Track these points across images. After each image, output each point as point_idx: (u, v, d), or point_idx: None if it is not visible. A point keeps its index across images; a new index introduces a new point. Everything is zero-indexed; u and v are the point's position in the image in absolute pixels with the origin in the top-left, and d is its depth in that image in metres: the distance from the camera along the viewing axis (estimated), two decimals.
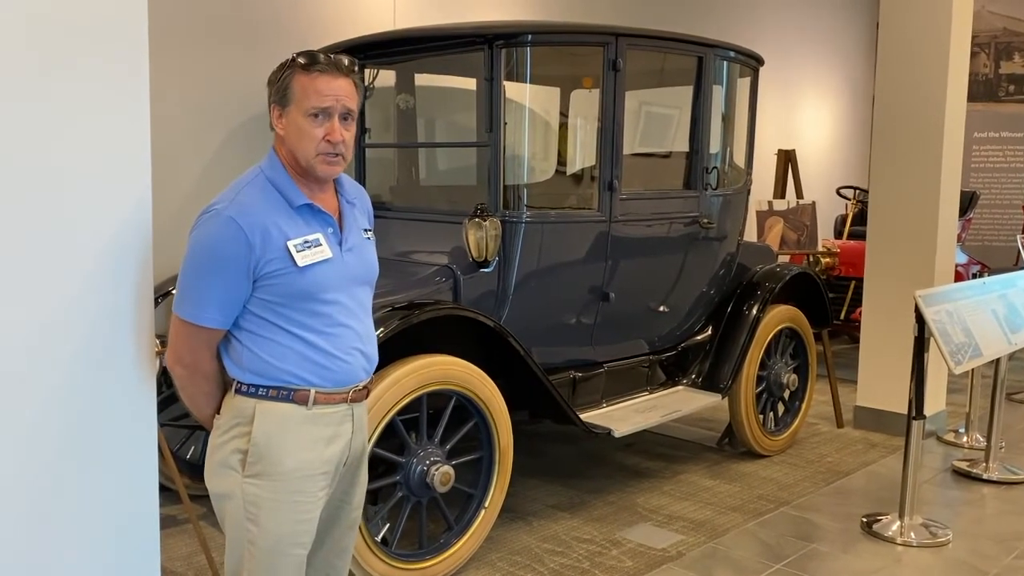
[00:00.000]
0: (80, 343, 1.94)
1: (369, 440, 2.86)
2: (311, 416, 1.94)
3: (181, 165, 4.01)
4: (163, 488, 3.27)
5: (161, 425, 3.25)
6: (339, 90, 1.91)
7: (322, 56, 1.93)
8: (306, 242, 1.91)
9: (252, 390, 1.93)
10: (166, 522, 3.53)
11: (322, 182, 2.00)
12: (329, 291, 1.94)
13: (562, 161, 4.87)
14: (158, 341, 2.11)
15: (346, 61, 1.95)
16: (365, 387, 2.06)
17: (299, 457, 1.93)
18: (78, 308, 1.94)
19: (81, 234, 1.93)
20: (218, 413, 2.01)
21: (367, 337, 2.05)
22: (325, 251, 1.93)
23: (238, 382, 1.95)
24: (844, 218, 7.35)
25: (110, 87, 1.95)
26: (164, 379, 3.34)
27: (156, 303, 3.09)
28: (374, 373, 2.11)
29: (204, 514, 3.57)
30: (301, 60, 1.92)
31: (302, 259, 1.89)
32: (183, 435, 3.76)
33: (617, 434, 3.70)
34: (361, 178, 4.21)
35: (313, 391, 1.94)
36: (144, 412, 2.08)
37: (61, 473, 1.94)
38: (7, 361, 1.84)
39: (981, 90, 8.60)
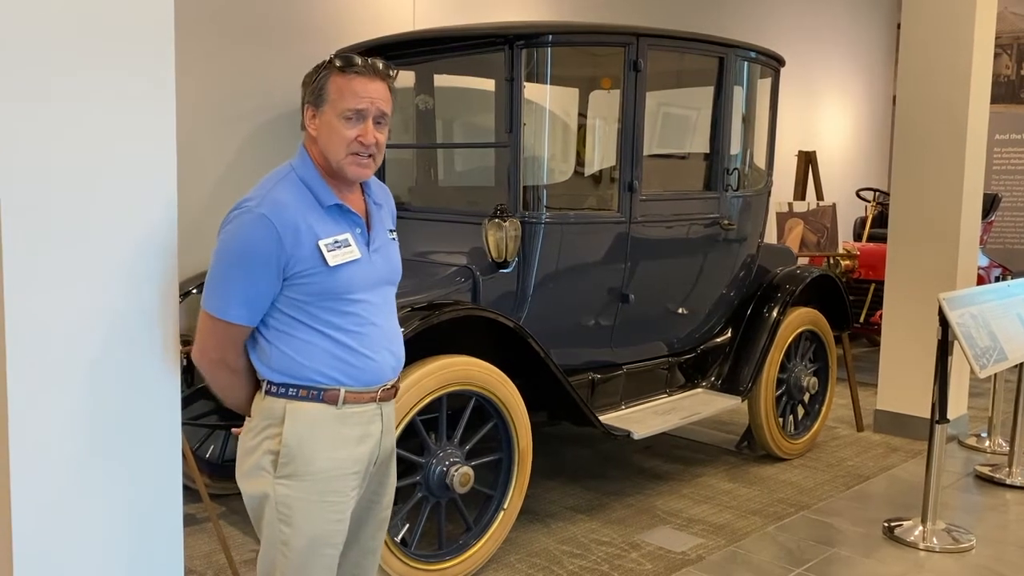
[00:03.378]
0: (106, 339, 1.95)
1: None
2: (341, 416, 1.94)
3: (203, 165, 4.02)
4: (183, 487, 3.30)
5: (182, 423, 3.28)
6: (374, 92, 1.91)
7: (359, 59, 1.93)
8: (336, 242, 1.91)
9: (282, 391, 1.93)
10: (186, 520, 3.52)
11: (351, 184, 2.00)
12: (357, 291, 1.94)
13: (581, 162, 4.86)
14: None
15: (382, 65, 1.95)
16: (393, 386, 2.05)
17: (330, 457, 1.92)
18: (105, 304, 1.94)
19: (108, 231, 1.93)
20: (249, 416, 2.01)
21: (394, 336, 2.05)
22: (354, 251, 1.93)
23: (268, 382, 1.95)
24: (863, 220, 7.30)
25: (136, 86, 1.96)
26: (185, 378, 3.36)
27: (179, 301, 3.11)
28: None
29: (224, 513, 3.58)
30: (338, 62, 1.92)
31: (333, 259, 1.89)
32: (203, 434, 3.77)
33: (636, 436, 3.68)
34: (380, 178, 4.19)
35: (343, 390, 1.93)
36: (168, 408, 2.08)
37: (86, 466, 1.95)
38: (32, 358, 1.85)
39: (1003, 92, 8.52)
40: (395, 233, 2.12)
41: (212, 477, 3.68)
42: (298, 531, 1.91)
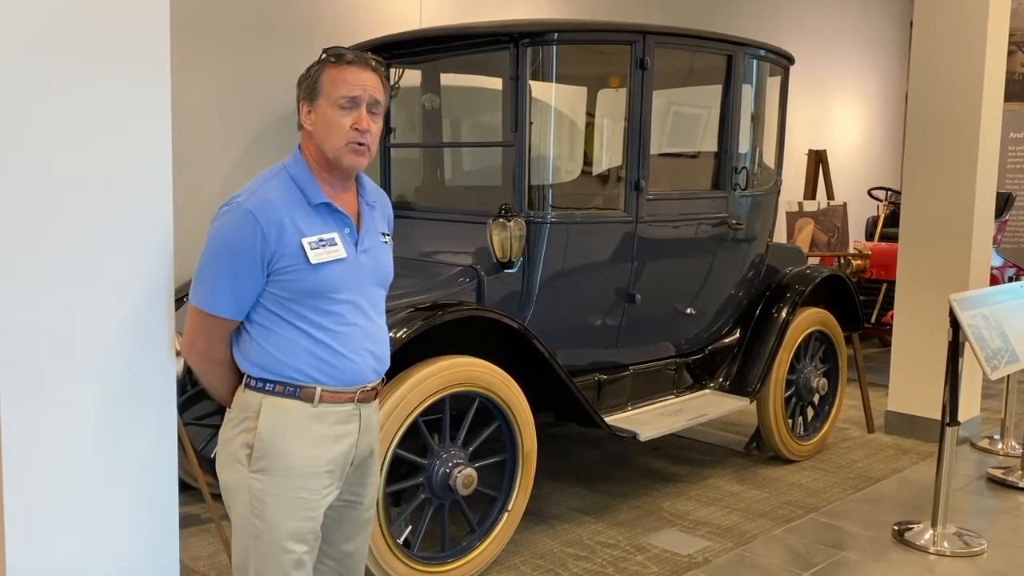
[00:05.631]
0: (100, 340, 1.94)
1: (392, 441, 2.86)
2: (317, 414, 1.95)
3: (208, 166, 4.02)
4: (186, 487, 3.29)
5: (185, 424, 3.27)
6: (367, 81, 1.96)
7: (350, 52, 1.98)
8: (321, 240, 1.93)
9: (260, 385, 1.95)
10: (189, 521, 3.54)
11: (346, 178, 2.02)
12: (341, 291, 1.95)
13: (588, 161, 4.83)
14: (178, 340, 2.11)
15: (373, 57, 2.00)
16: (374, 388, 2.06)
17: (303, 454, 1.94)
18: (100, 305, 1.93)
19: (102, 233, 1.93)
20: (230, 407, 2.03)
21: (378, 338, 2.06)
22: (340, 251, 1.95)
23: (247, 376, 1.98)
24: (875, 220, 7.24)
25: (132, 89, 1.95)
26: (188, 378, 3.36)
27: (182, 302, 3.10)
28: (387, 376, 2.12)
29: (226, 513, 3.57)
30: (330, 57, 1.97)
31: (315, 257, 1.91)
32: (207, 434, 3.76)
33: (643, 438, 3.65)
34: (386, 178, 4.19)
35: (319, 389, 1.95)
36: (163, 411, 2.07)
37: (79, 468, 1.95)
38: (25, 359, 1.84)
39: (1017, 89, 8.42)
40: (389, 237, 2.13)
41: (216, 477, 3.66)
42: (268, 525, 1.93)
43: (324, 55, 1.98)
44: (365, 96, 1.94)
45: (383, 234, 2.10)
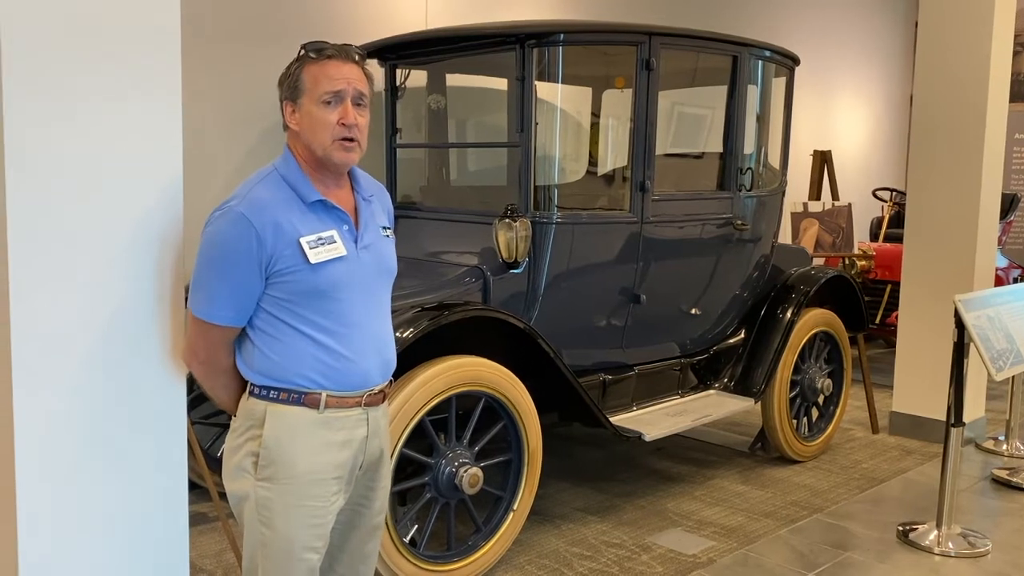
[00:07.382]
0: (111, 339, 1.95)
1: (398, 441, 2.87)
2: (323, 420, 1.91)
3: (214, 166, 4.03)
4: (193, 485, 3.31)
5: (192, 423, 3.28)
6: (350, 74, 1.90)
7: (330, 45, 1.92)
8: (320, 239, 1.87)
9: (263, 393, 1.91)
10: (196, 519, 3.56)
11: (338, 175, 1.96)
12: (343, 290, 1.90)
13: (594, 162, 4.84)
14: None
15: (354, 49, 1.94)
16: (381, 391, 2.01)
17: (310, 461, 1.89)
18: (111, 304, 1.94)
19: (114, 231, 1.93)
20: (234, 415, 2.01)
21: (384, 339, 2.01)
22: (339, 248, 1.89)
23: (251, 384, 1.93)
24: (880, 220, 7.23)
25: (143, 88, 1.96)
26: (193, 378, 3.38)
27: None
28: (395, 377, 2.07)
29: (233, 512, 3.58)
30: (310, 53, 1.91)
31: (315, 256, 1.85)
32: (214, 433, 3.79)
33: (647, 438, 3.66)
34: (392, 178, 4.20)
35: (324, 394, 1.90)
36: (173, 409, 2.08)
37: (91, 467, 1.96)
38: (37, 358, 1.85)
39: (1023, 90, 8.41)
40: (390, 231, 2.07)
41: (222, 476, 3.68)
42: (277, 534, 1.90)
43: (303, 51, 1.91)
44: (349, 89, 1.88)
45: (384, 228, 2.04)
